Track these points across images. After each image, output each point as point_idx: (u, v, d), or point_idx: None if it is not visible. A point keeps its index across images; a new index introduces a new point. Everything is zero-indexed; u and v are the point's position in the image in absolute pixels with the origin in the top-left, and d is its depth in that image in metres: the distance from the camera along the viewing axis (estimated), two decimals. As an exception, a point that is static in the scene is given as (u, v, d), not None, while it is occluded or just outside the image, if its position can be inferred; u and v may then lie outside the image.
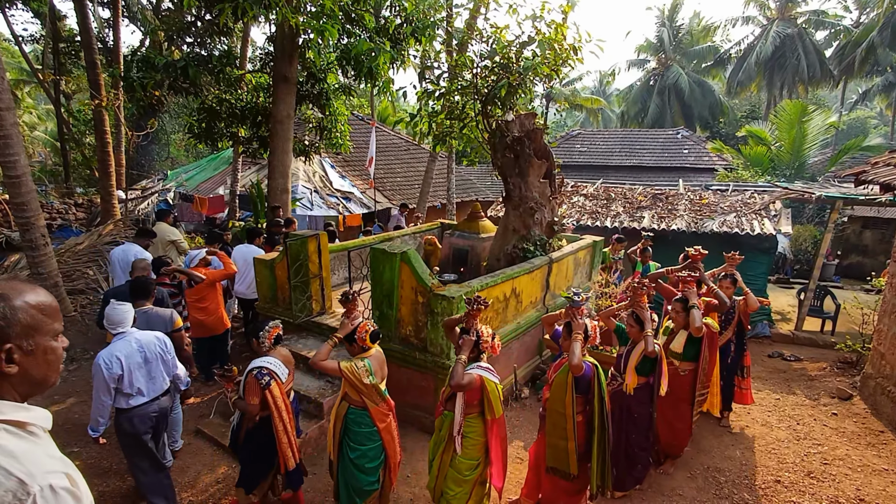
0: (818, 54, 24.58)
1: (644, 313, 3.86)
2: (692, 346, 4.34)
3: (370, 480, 3.47)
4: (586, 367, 3.33)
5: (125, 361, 3.51)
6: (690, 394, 4.45)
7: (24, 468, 1.06)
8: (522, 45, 6.04)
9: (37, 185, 20.14)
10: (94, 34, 10.36)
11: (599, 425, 3.45)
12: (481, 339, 3.34)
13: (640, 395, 3.95)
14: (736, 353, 5.36)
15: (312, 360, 3.43)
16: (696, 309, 4.20)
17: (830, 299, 8.80)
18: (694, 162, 18.24)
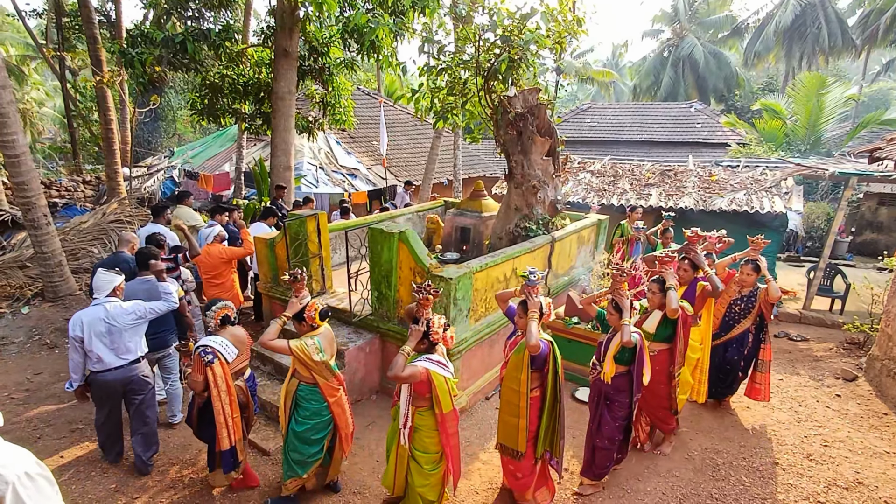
0: (840, 23, 23.65)
1: (624, 301, 3.70)
2: (665, 327, 4.17)
3: (313, 451, 3.59)
4: (543, 344, 3.28)
5: (86, 328, 3.72)
6: (666, 374, 4.30)
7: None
8: (524, 18, 5.84)
9: (47, 161, 20.35)
10: (93, 8, 10.20)
11: (551, 397, 3.44)
12: (431, 329, 3.24)
13: (619, 383, 3.82)
14: (753, 345, 5.08)
15: (261, 340, 3.45)
16: (673, 290, 4.06)
17: (841, 278, 8.64)
18: (707, 137, 17.83)
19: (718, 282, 4.53)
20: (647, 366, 3.82)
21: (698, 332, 4.83)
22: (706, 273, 4.59)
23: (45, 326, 6.64)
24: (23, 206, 6.39)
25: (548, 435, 3.54)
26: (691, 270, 4.69)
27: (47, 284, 6.93)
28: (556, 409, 3.50)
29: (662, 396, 4.36)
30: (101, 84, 9.78)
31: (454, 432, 3.36)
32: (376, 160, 14.34)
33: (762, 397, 5.13)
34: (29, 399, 5.28)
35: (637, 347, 3.67)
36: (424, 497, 3.43)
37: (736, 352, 5.08)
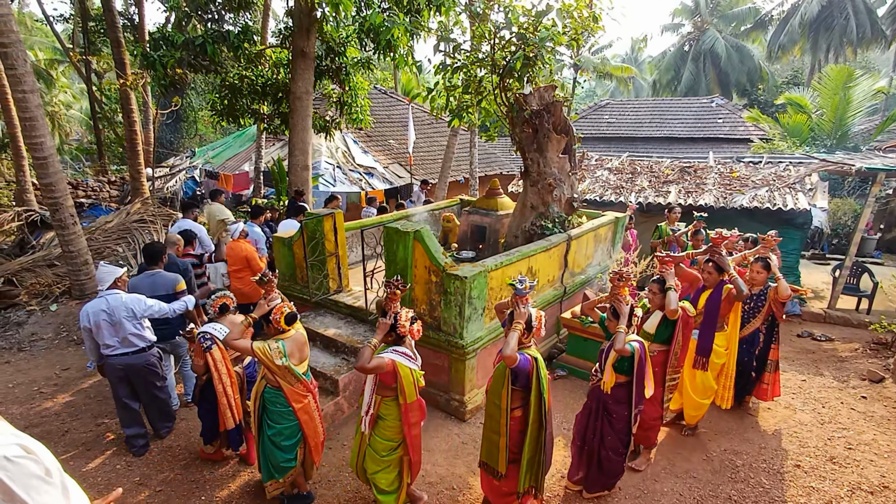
0: (869, 13, 22.93)
1: (622, 307, 3.54)
2: (665, 328, 4.04)
3: (287, 457, 3.56)
4: (523, 359, 3.09)
5: (92, 318, 4.06)
6: (661, 377, 4.12)
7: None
8: (539, 15, 5.79)
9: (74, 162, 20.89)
10: (117, 12, 10.45)
11: (535, 422, 3.23)
12: (398, 322, 3.27)
13: (618, 394, 3.65)
14: (764, 345, 5.00)
15: (225, 339, 3.54)
16: (673, 291, 3.91)
17: (868, 276, 8.41)
18: (728, 132, 17.49)
19: (743, 285, 4.37)
20: (650, 378, 3.67)
21: (724, 336, 4.69)
22: (731, 276, 4.41)
23: (72, 323, 6.84)
24: (51, 207, 6.58)
25: (532, 467, 3.32)
26: (716, 273, 4.51)
27: (74, 282, 7.14)
28: (541, 438, 3.27)
29: (655, 400, 4.11)
30: (125, 86, 10.02)
31: (416, 422, 3.38)
32: (393, 159, 14.41)
33: (768, 397, 5.11)
34: (57, 393, 5.45)
35: (636, 357, 3.50)
36: (377, 483, 3.47)
37: (746, 352, 4.96)
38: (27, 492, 1.11)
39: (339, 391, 4.97)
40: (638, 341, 3.56)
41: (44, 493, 1.14)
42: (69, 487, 1.22)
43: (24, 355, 6.29)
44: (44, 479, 1.16)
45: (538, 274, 5.89)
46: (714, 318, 4.47)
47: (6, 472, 1.10)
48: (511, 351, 3.02)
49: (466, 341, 4.82)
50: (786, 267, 8.20)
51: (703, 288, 4.58)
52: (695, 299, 4.57)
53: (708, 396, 4.68)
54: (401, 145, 15.19)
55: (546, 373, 3.29)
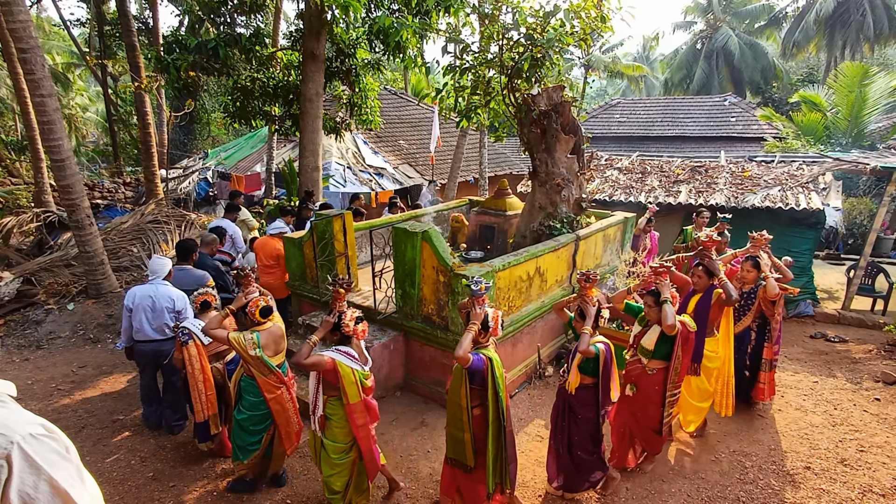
0: (887, 8, 22.49)
1: (588, 308, 3.46)
2: (664, 344, 3.78)
3: (251, 441, 3.79)
4: (476, 359, 3.10)
5: (137, 300, 4.43)
6: (660, 395, 3.91)
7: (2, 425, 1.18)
8: (546, 16, 5.80)
9: (90, 164, 21.27)
10: (132, 17, 10.63)
11: (494, 420, 3.24)
12: (342, 322, 3.31)
13: (583, 396, 3.58)
14: (756, 344, 4.97)
15: (203, 328, 3.72)
16: (669, 304, 3.66)
17: (883, 277, 8.29)
18: (741, 131, 17.28)
19: (733, 289, 4.22)
20: (616, 381, 3.58)
21: (715, 342, 4.56)
22: (720, 280, 4.26)
23: (88, 322, 6.99)
24: (68, 208, 6.73)
25: (496, 465, 3.33)
26: (706, 277, 4.36)
27: (90, 282, 7.29)
28: (500, 436, 3.29)
29: (653, 418, 3.97)
30: (140, 89, 10.20)
31: (363, 424, 3.38)
32: (403, 159, 14.48)
33: (764, 397, 5.07)
34: (74, 390, 5.58)
35: (601, 359, 3.43)
36: (330, 486, 3.51)
37: (737, 350, 4.89)
38: (50, 466, 1.18)
39: (348, 390, 5.01)
40: (604, 342, 3.49)
41: (62, 469, 1.21)
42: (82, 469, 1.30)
43: (43, 353, 6.45)
44: (63, 455, 1.24)
45: (546, 274, 5.90)
46: (704, 323, 4.32)
47: (32, 448, 1.17)
48: (463, 352, 3.03)
49: (474, 341, 4.84)
50: (799, 267, 8.11)
51: (693, 292, 4.48)
52: (684, 303, 4.46)
53: (706, 400, 4.59)
54: (410, 146, 15.26)
55: (502, 372, 3.28)
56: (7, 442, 1.15)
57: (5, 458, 1.14)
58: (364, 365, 3.44)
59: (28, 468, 1.15)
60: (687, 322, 3.88)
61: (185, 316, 4.51)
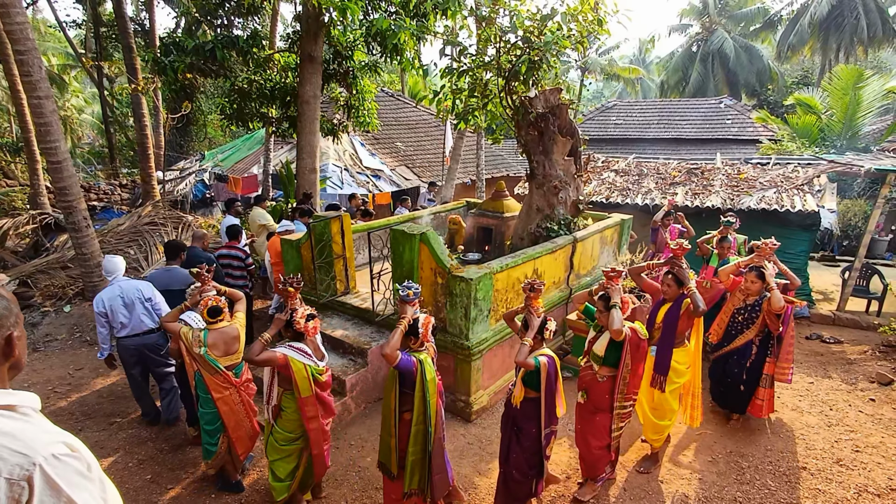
0: (881, 12, 22.68)
1: (532, 319, 3.34)
2: (614, 350, 3.62)
3: (210, 441, 3.87)
4: (405, 359, 3.08)
5: (107, 302, 4.46)
6: (609, 404, 3.72)
7: (25, 444, 1.17)
8: (544, 19, 5.83)
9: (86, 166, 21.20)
10: (128, 19, 10.62)
11: (418, 423, 3.20)
12: (294, 319, 3.38)
13: (527, 409, 3.42)
14: (756, 358, 4.74)
15: (161, 319, 3.96)
16: (617, 309, 3.50)
17: (878, 278, 8.35)
18: (737, 133, 17.39)
19: (700, 300, 3.98)
20: (560, 396, 3.41)
21: (685, 353, 4.29)
22: (689, 290, 4.04)
23: (85, 324, 6.97)
24: (64, 210, 6.71)
25: (416, 470, 3.26)
26: (676, 286, 4.13)
27: (87, 284, 7.26)
28: (426, 442, 3.21)
29: (602, 428, 3.76)
30: (137, 91, 10.17)
31: (313, 416, 3.45)
32: (400, 161, 14.50)
33: (763, 413, 4.83)
34: (71, 392, 5.56)
35: (543, 373, 3.28)
36: (275, 472, 3.59)
37: (737, 364, 4.78)
38: (71, 488, 1.18)
39: (346, 391, 5.03)
40: (548, 356, 3.33)
41: (83, 490, 1.21)
42: (104, 481, 1.30)
43: (39, 355, 6.42)
44: (85, 475, 1.23)
45: (544, 276, 5.92)
46: (672, 334, 4.13)
47: (55, 470, 1.17)
48: (390, 349, 3.04)
49: (472, 342, 4.87)
50: (794, 269, 8.10)
51: (663, 301, 4.26)
52: (654, 313, 4.30)
53: (668, 418, 4.30)
54: (407, 147, 15.27)
55: (434, 377, 3.22)
56: (29, 463, 1.15)
57: (27, 480, 1.13)
58: (320, 360, 3.53)
59: (49, 490, 1.15)
60: (638, 330, 3.69)
61: (156, 302, 4.62)
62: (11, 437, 1.18)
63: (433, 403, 3.21)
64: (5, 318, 1.30)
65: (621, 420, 3.78)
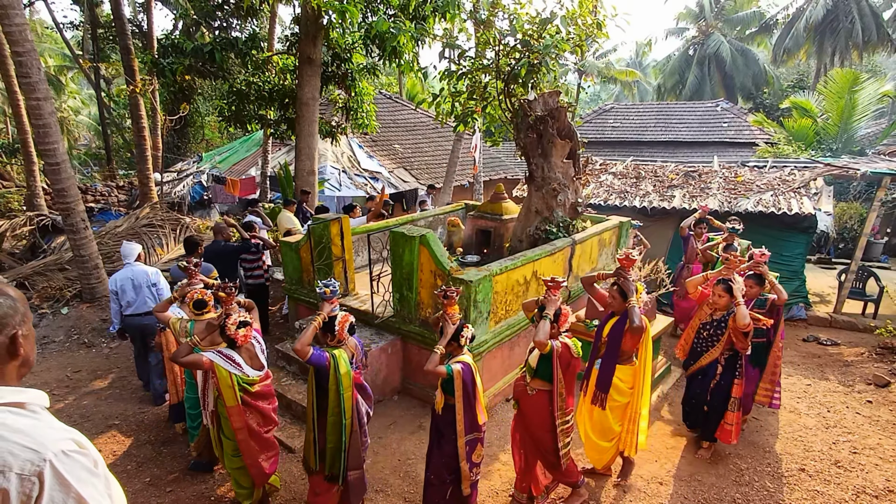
0: (875, 17, 22.84)
1: (447, 325, 3.32)
2: (545, 362, 3.43)
3: (192, 425, 4.15)
4: (316, 354, 3.12)
5: (119, 282, 5.01)
6: (548, 421, 3.50)
7: (35, 440, 1.19)
8: (543, 23, 5.86)
9: (82, 167, 21.13)
10: (126, 20, 10.61)
11: (333, 415, 3.23)
12: (226, 325, 3.37)
13: (446, 416, 3.35)
14: (722, 380, 4.34)
15: (153, 309, 4.16)
16: (547, 320, 3.34)
17: (874, 281, 8.40)
18: (734, 136, 17.47)
19: (638, 316, 3.67)
20: (479, 403, 3.34)
21: (631, 372, 3.96)
22: (629, 304, 3.73)
23: (83, 326, 6.94)
24: (62, 212, 6.69)
25: (334, 458, 3.32)
26: (620, 298, 3.85)
27: (85, 286, 7.24)
28: (341, 435, 3.26)
29: (548, 445, 3.58)
30: (134, 93, 10.17)
31: (241, 427, 3.42)
32: (398, 163, 14.51)
33: (731, 439, 4.42)
34: (68, 395, 5.54)
35: (455, 379, 3.21)
36: (237, 480, 3.67)
37: (700, 384, 4.45)
38: (80, 484, 1.20)
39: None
40: (463, 363, 3.28)
41: (91, 486, 1.22)
42: (110, 478, 1.31)
43: (37, 357, 6.37)
44: (93, 471, 1.25)
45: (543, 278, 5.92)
46: (616, 350, 3.86)
47: (64, 466, 1.19)
48: (300, 344, 3.09)
49: (472, 345, 4.86)
50: (791, 271, 8.20)
51: (612, 314, 3.99)
52: (601, 326, 4.06)
53: (609, 440, 4.04)
54: (405, 149, 15.29)
55: (347, 371, 3.21)
56: (40, 459, 1.17)
57: (37, 476, 1.15)
58: (257, 370, 3.50)
59: (58, 486, 1.17)
60: (571, 345, 3.45)
61: (160, 287, 5.07)
62: (22, 433, 1.19)
63: (347, 397, 3.23)
64: (10, 317, 1.31)
65: (566, 435, 3.56)
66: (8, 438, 1.17)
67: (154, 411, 5.22)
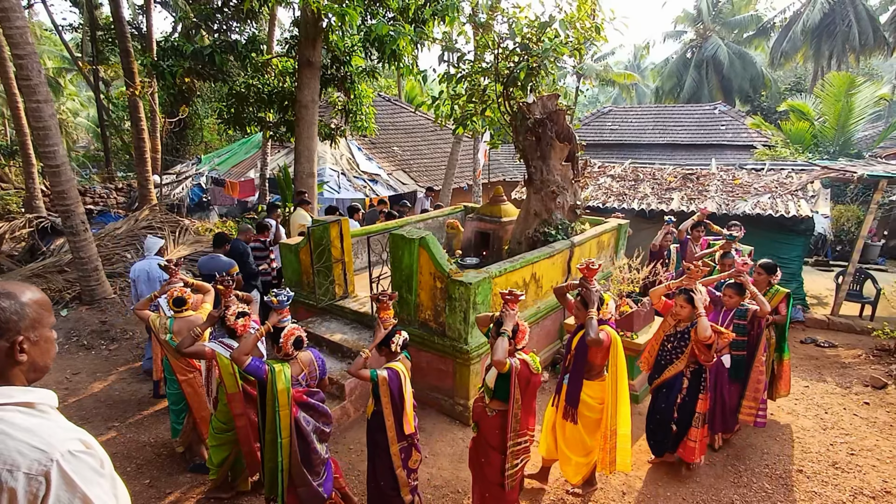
0: (871, 20, 22.99)
1: (378, 330, 3.31)
2: (503, 381, 3.21)
3: (176, 420, 4.24)
4: (254, 364, 3.04)
5: (136, 273, 5.37)
6: (501, 441, 3.30)
7: (43, 440, 1.21)
8: (542, 26, 5.90)
9: (81, 169, 21.13)
10: (126, 23, 10.62)
11: (269, 431, 3.13)
12: (226, 315, 3.50)
13: (377, 422, 3.29)
14: (688, 394, 4.09)
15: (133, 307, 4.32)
16: (504, 337, 3.11)
17: (871, 283, 8.44)
18: (731, 139, 17.54)
19: (593, 329, 3.49)
20: (406, 412, 3.22)
21: (600, 388, 3.77)
22: (589, 316, 3.55)
23: (82, 328, 6.94)
24: (62, 214, 6.70)
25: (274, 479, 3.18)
26: (584, 310, 3.65)
27: (84, 288, 7.24)
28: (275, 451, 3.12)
29: (495, 467, 3.36)
30: (133, 95, 10.18)
31: (240, 413, 3.58)
32: (397, 165, 14.55)
33: (695, 457, 4.19)
34: (68, 397, 5.54)
35: (379, 385, 3.16)
36: (212, 456, 3.84)
37: (665, 399, 4.19)
38: (86, 484, 1.21)
39: (345, 396, 5.03)
40: (390, 369, 3.22)
41: (97, 486, 1.24)
42: (115, 478, 1.33)
43: (35, 360, 6.38)
44: (99, 471, 1.27)
45: (542, 280, 5.96)
46: (583, 363, 3.72)
47: (71, 466, 1.21)
48: (238, 353, 3.06)
49: (471, 346, 4.88)
50: (789, 273, 8.24)
51: (581, 327, 3.76)
52: (570, 339, 3.90)
53: (585, 455, 3.87)
54: (404, 152, 15.33)
55: (286, 387, 3.07)
56: (47, 459, 1.18)
57: (44, 476, 1.17)
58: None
59: (65, 486, 1.19)
60: (529, 361, 3.26)
61: None
62: (31, 433, 1.21)
63: (284, 415, 3.07)
64: (13, 323, 1.29)
65: (515, 457, 3.35)
66: (17, 438, 1.19)
67: (154, 413, 5.21)
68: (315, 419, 3.27)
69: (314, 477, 3.24)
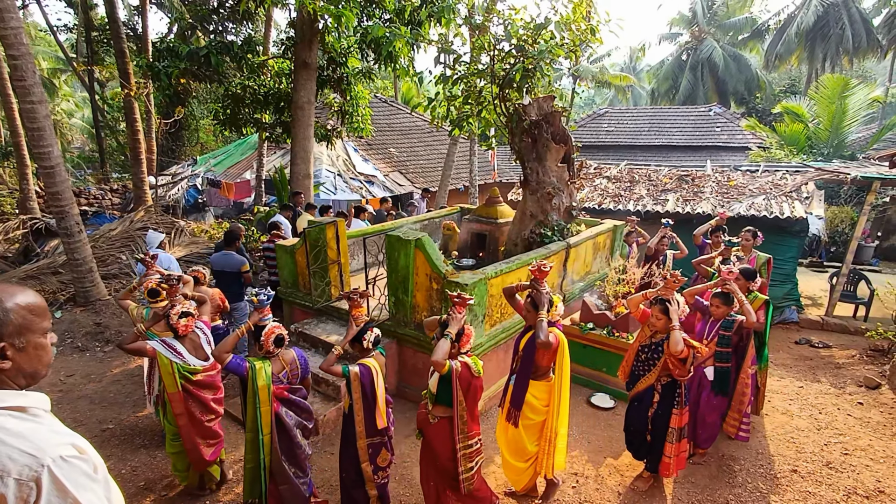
0: (865, 23, 23.17)
1: (351, 327, 3.36)
2: (445, 385, 3.17)
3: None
4: (234, 361, 3.11)
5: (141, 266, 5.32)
6: (449, 448, 3.27)
7: (34, 445, 1.19)
8: (538, 28, 5.92)
9: (76, 170, 21.04)
10: (121, 23, 10.59)
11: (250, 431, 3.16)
12: (169, 314, 3.55)
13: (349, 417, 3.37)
14: (660, 409, 3.92)
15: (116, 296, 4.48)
16: (446, 339, 3.10)
17: (865, 284, 8.49)
18: (726, 140, 17.64)
19: (543, 331, 3.40)
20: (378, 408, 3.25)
21: (546, 389, 3.70)
22: (539, 318, 3.47)
23: (76, 330, 6.91)
24: (57, 215, 6.67)
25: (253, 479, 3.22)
26: (534, 312, 3.59)
27: (79, 290, 7.21)
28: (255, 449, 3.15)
29: (447, 473, 3.36)
30: (129, 96, 10.15)
31: (181, 413, 3.60)
32: (393, 167, 14.55)
33: (670, 472, 4.03)
34: (62, 400, 5.51)
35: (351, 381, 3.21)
36: (175, 463, 3.89)
37: (636, 411, 4.05)
38: (77, 489, 1.20)
39: (340, 397, 5.02)
40: (362, 365, 3.24)
41: (90, 491, 1.23)
42: (109, 482, 1.31)
43: (29, 362, 6.35)
44: (91, 476, 1.25)
45: (538, 281, 5.95)
46: (529, 364, 3.64)
47: (62, 471, 1.19)
48: (218, 351, 3.14)
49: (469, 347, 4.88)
50: (783, 274, 8.28)
51: (529, 328, 3.72)
52: (518, 339, 3.83)
53: (525, 460, 3.81)
54: (401, 153, 15.33)
55: (266, 384, 3.12)
56: (38, 464, 1.17)
57: (35, 481, 1.15)
58: (202, 360, 3.66)
59: (56, 492, 1.17)
60: (471, 364, 3.25)
61: None
62: (22, 438, 1.19)
63: (264, 412, 3.14)
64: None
65: (468, 461, 3.31)
66: (7, 443, 1.17)
67: (148, 416, 5.19)
68: (297, 414, 3.37)
69: (298, 474, 3.32)
